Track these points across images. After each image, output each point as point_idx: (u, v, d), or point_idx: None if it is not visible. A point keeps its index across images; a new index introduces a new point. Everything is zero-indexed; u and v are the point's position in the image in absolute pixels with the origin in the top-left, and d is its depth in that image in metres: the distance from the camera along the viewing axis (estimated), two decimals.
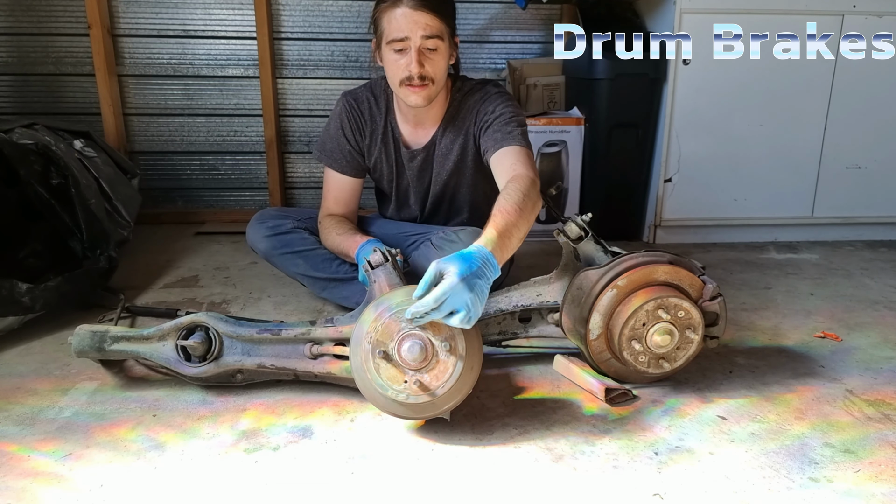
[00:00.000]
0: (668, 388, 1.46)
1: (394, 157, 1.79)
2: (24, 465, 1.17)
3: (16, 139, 1.89)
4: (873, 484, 1.14)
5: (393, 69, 1.59)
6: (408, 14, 1.51)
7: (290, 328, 1.41)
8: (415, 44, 1.53)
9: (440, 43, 1.56)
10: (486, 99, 1.68)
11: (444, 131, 1.73)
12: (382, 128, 1.76)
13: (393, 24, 1.53)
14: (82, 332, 1.40)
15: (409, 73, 1.55)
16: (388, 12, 1.54)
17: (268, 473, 1.16)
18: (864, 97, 2.56)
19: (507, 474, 1.16)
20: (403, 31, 1.52)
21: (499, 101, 1.66)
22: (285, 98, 2.99)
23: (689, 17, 2.43)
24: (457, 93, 1.72)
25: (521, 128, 1.63)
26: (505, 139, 1.59)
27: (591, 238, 1.54)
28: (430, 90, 1.60)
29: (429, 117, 1.72)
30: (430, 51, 1.55)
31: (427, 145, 1.75)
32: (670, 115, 2.53)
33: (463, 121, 1.71)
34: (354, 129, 1.77)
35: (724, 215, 2.68)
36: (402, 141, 1.77)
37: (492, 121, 1.64)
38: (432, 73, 1.57)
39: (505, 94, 1.70)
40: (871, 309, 1.98)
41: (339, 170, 1.80)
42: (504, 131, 1.61)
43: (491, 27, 3.01)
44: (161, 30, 2.86)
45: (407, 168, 1.80)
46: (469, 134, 1.71)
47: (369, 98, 1.76)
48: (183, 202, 3.06)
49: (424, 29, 1.52)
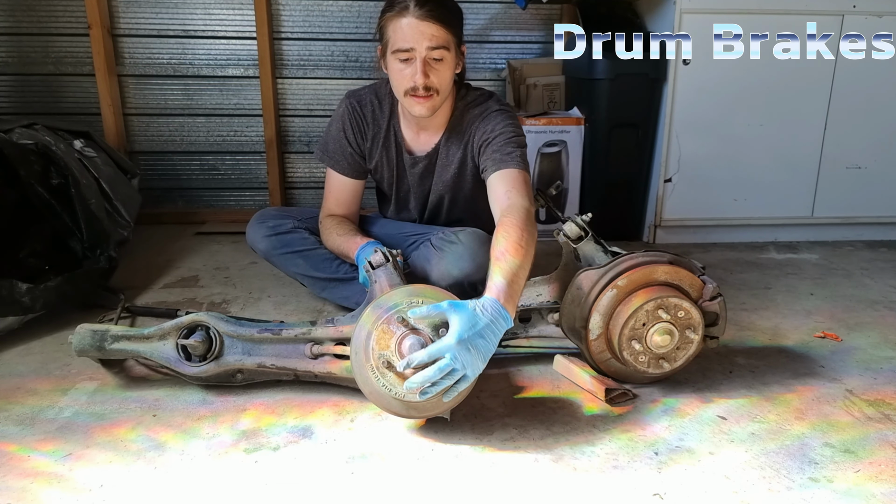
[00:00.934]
0: (668, 388, 1.46)
1: (395, 161, 1.78)
2: (24, 465, 1.17)
3: (16, 139, 1.89)
4: (873, 484, 1.14)
5: (398, 78, 1.57)
6: (414, 24, 1.49)
7: (290, 328, 1.41)
8: (420, 55, 1.51)
9: (446, 53, 1.54)
10: (486, 116, 1.65)
11: (447, 140, 1.72)
12: (385, 131, 1.75)
13: (399, 33, 1.51)
14: (83, 332, 1.40)
15: (413, 84, 1.53)
16: (394, 21, 1.52)
17: (268, 473, 1.16)
18: (864, 97, 2.56)
19: (507, 474, 1.16)
20: (409, 42, 1.50)
21: (499, 120, 1.64)
22: (285, 98, 2.99)
23: (689, 17, 2.43)
24: (460, 101, 1.70)
25: (520, 149, 1.60)
26: (503, 161, 1.57)
27: (591, 238, 1.54)
28: (435, 101, 1.58)
29: (432, 124, 1.71)
30: (436, 61, 1.53)
31: (430, 153, 1.74)
32: (670, 114, 2.53)
33: (463, 133, 1.69)
34: (356, 131, 1.76)
35: (724, 215, 2.68)
36: (405, 146, 1.76)
37: (491, 139, 1.61)
38: (437, 84, 1.55)
39: (506, 111, 1.67)
40: (871, 309, 1.98)
41: (341, 171, 1.79)
42: (503, 152, 1.58)
43: (491, 27, 3.01)
44: (161, 30, 2.86)
45: (408, 173, 1.79)
46: (468, 149, 1.70)
47: (373, 101, 1.75)
48: (183, 202, 3.06)
49: (430, 40, 1.50)
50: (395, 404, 1.22)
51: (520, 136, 1.64)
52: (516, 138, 1.62)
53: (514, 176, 1.55)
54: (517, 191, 1.51)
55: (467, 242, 1.66)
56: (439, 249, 1.68)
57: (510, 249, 1.30)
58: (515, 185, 1.52)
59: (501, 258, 1.29)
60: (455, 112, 1.70)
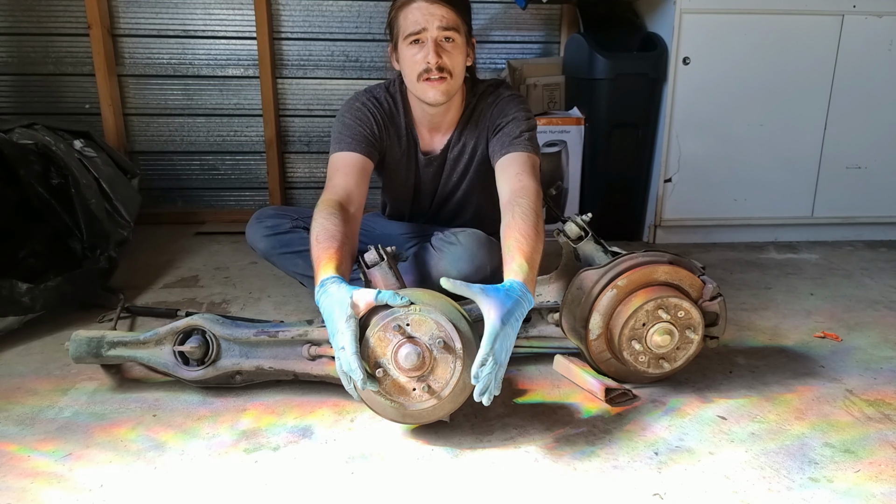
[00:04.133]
0: (668, 388, 1.46)
1: (412, 160, 1.76)
2: (24, 465, 1.17)
3: (16, 139, 1.89)
4: (873, 484, 1.14)
5: (410, 64, 1.56)
6: (423, 7, 1.51)
7: (287, 329, 1.41)
8: (431, 35, 1.52)
9: (457, 35, 1.54)
10: (498, 103, 1.66)
11: (458, 136, 1.71)
12: (405, 130, 1.72)
13: (409, 17, 1.53)
14: (79, 339, 1.40)
15: (426, 66, 1.53)
16: (404, 9, 1.53)
17: (268, 473, 1.16)
18: (864, 97, 2.56)
19: (507, 474, 1.16)
20: (420, 24, 1.51)
21: (511, 105, 1.64)
22: (285, 98, 2.99)
23: (689, 17, 2.43)
24: (472, 98, 1.69)
25: (529, 132, 1.61)
26: (512, 144, 1.58)
27: (591, 238, 1.54)
28: (449, 84, 1.56)
29: (445, 122, 1.70)
30: (448, 41, 1.54)
31: (443, 150, 1.73)
32: (670, 114, 2.53)
33: (476, 125, 1.69)
34: (376, 122, 1.66)
35: (724, 215, 2.68)
36: (420, 147, 1.74)
37: (504, 124, 1.62)
38: (450, 66, 1.55)
39: (517, 96, 1.68)
40: (871, 309, 1.98)
41: (349, 149, 1.60)
42: (513, 135, 1.59)
43: (491, 27, 3.01)
44: (161, 30, 2.86)
45: (422, 172, 1.78)
46: (482, 139, 1.69)
47: (388, 99, 1.71)
48: (183, 202, 3.06)
49: (441, 20, 1.51)
50: (391, 411, 1.21)
51: (530, 120, 1.64)
52: (527, 121, 1.63)
53: (524, 159, 1.56)
54: (527, 174, 1.52)
55: (466, 244, 1.66)
56: (438, 250, 1.68)
57: (529, 234, 1.32)
58: (525, 169, 1.53)
59: (523, 240, 1.30)
60: (467, 108, 1.69)
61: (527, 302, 1.21)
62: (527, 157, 1.57)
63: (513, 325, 1.17)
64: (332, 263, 1.29)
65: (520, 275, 1.24)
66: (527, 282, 1.23)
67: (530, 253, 1.29)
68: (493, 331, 1.14)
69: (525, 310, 1.21)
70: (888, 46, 2.52)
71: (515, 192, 1.45)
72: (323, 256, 1.31)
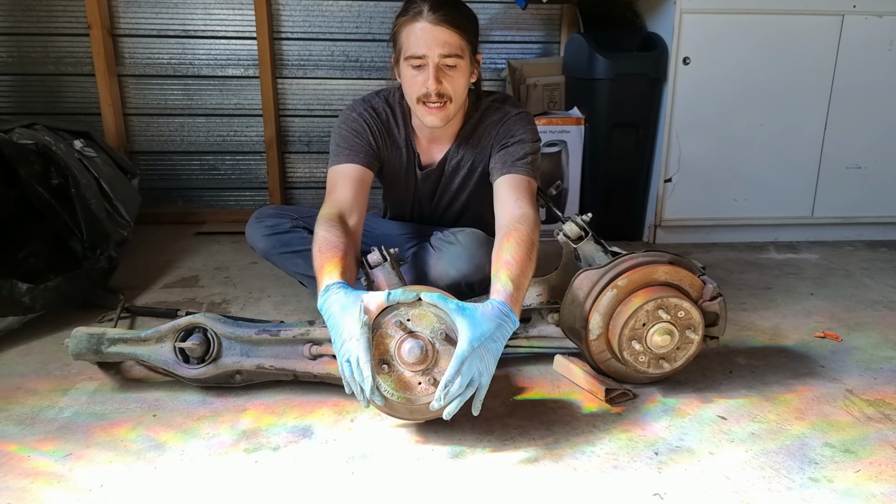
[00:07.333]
0: (668, 388, 1.46)
1: (413, 173, 1.74)
2: (24, 465, 1.17)
3: (16, 139, 1.89)
4: (873, 484, 1.14)
5: (410, 85, 1.54)
6: (427, 29, 1.46)
7: (288, 328, 1.41)
8: (433, 61, 1.48)
9: (459, 61, 1.50)
10: (505, 122, 1.63)
11: (457, 148, 1.69)
12: (404, 142, 1.70)
13: (412, 39, 1.49)
14: (79, 335, 1.40)
15: (426, 91, 1.50)
16: (408, 27, 1.49)
17: (268, 473, 1.16)
18: (864, 97, 2.56)
19: (507, 474, 1.16)
20: (422, 49, 1.47)
21: (517, 126, 1.62)
22: (285, 98, 2.99)
23: (689, 17, 2.43)
24: (474, 112, 1.66)
25: (533, 155, 1.59)
26: (514, 166, 1.56)
27: (591, 238, 1.54)
28: (448, 110, 1.54)
29: (444, 135, 1.68)
30: (449, 68, 1.50)
31: (440, 162, 1.72)
32: (670, 114, 2.53)
33: (478, 140, 1.67)
34: (375, 133, 1.65)
35: (724, 215, 2.68)
36: (419, 159, 1.72)
37: (509, 144, 1.60)
38: (450, 91, 1.52)
39: (524, 115, 1.65)
40: (871, 309, 1.98)
41: (347, 160, 1.60)
42: (516, 156, 1.58)
43: (491, 27, 3.01)
44: (161, 30, 2.86)
45: (421, 184, 1.77)
46: (483, 156, 1.67)
47: (386, 109, 1.68)
48: (183, 202, 3.06)
49: (443, 47, 1.47)
50: (399, 407, 1.21)
51: (536, 143, 1.62)
52: (532, 144, 1.61)
53: (525, 184, 1.54)
54: (526, 200, 1.50)
55: (465, 243, 1.66)
56: (438, 250, 1.68)
57: (521, 259, 1.31)
58: (524, 195, 1.52)
59: (511, 264, 1.30)
60: (468, 122, 1.66)
61: (510, 323, 1.21)
62: (527, 182, 1.55)
63: (487, 346, 1.17)
64: (337, 269, 1.28)
65: (503, 294, 1.24)
66: (511, 303, 1.23)
67: (519, 276, 1.28)
68: (460, 354, 1.15)
69: (508, 331, 1.21)
70: (888, 46, 2.52)
71: (515, 218, 1.44)
72: (327, 263, 1.30)
